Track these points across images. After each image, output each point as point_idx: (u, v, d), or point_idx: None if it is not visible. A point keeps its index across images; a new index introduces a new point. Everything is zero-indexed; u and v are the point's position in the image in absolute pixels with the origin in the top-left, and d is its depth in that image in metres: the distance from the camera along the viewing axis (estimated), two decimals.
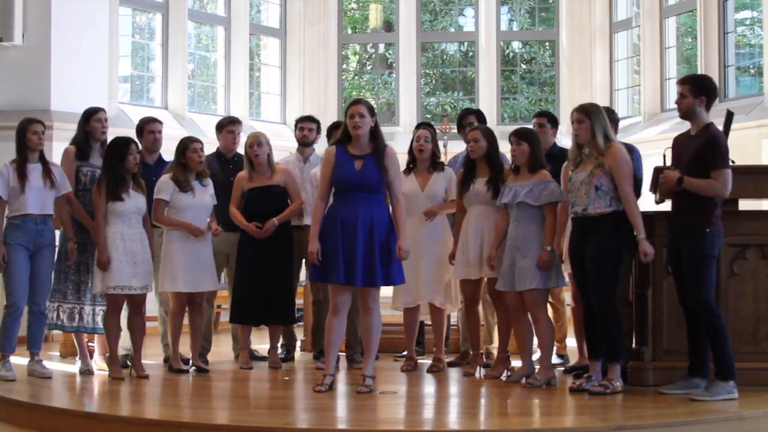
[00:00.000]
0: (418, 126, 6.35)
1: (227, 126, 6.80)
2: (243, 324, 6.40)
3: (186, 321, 6.17)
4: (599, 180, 5.13)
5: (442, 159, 6.45)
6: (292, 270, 6.44)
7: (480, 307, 6.18)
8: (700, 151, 4.95)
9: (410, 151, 6.15)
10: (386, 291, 5.58)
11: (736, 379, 4.93)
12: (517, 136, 5.58)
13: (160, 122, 6.61)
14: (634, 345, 5.54)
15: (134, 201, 5.81)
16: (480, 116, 6.63)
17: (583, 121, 5.20)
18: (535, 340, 5.68)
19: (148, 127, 6.50)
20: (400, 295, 6.04)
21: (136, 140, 6.10)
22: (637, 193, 5.44)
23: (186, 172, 6.06)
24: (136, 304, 5.88)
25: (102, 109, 6.27)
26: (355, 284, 5.15)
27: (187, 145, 6.08)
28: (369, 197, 5.20)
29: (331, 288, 5.30)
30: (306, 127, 6.80)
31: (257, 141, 6.27)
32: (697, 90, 5.01)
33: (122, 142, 5.83)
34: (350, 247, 5.11)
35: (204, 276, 6.08)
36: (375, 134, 5.26)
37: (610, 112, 5.81)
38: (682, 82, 5.12)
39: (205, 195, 6.11)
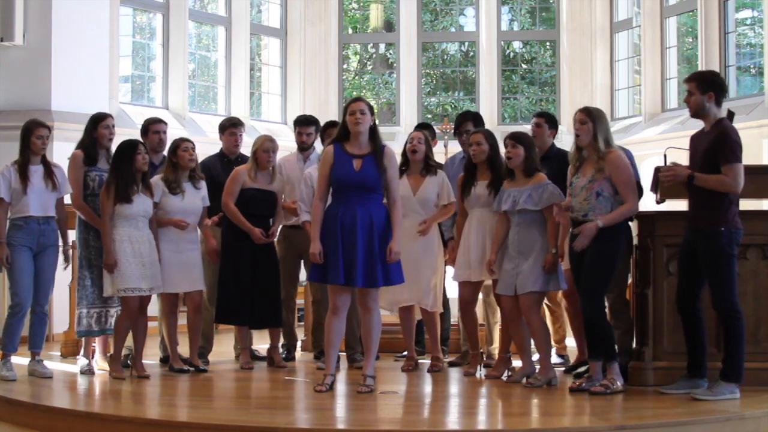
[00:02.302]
0: (416, 127, 6.33)
1: (229, 128, 6.81)
2: (226, 324, 6.38)
3: (183, 321, 6.18)
4: (600, 186, 5.11)
5: (441, 159, 6.43)
6: (277, 273, 6.37)
7: (480, 308, 6.18)
8: (712, 147, 4.90)
9: (404, 153, 6.13)
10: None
11: (742, 382, 4.92)
12: (513, 140, 5.56)
13: (165, 123, 6.63)
14: (634, 345, 5.54)
15: (142, 203, 5.81)
16: (477, 120, 6.61)
17: (585, 122, 5.18)
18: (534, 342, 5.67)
19: (153, 128, 6.51)
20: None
21: (142, 141, 6.11)
22: (639, 194, 5.42)
23: (177, 172, 6.06)
24: (142, 305, 5.91)
25: (110, 116, 6.28)
26: (355, 285, 5.15)
27: (178, 144, 6.10)
28: (367, 197, 5.20)
29: (330, 288, 5.30)
30: (304, 132, 6.74)
31: (273, 147, 6.23)
32: (704, 86, 4.96)
33: (131, 145, 5.84)
34: (350, 248, 5.11)
35: (192, 276, 6.08)
36: (373, 134, 5.26)
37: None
38: (689, 79, 5.07)
39: (195, 199, 6.11)
